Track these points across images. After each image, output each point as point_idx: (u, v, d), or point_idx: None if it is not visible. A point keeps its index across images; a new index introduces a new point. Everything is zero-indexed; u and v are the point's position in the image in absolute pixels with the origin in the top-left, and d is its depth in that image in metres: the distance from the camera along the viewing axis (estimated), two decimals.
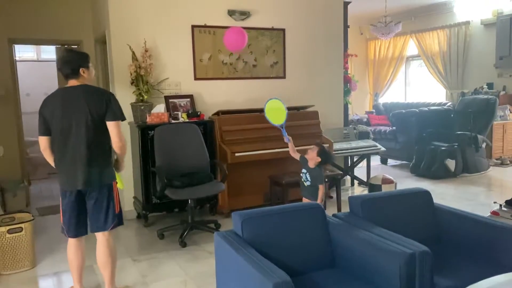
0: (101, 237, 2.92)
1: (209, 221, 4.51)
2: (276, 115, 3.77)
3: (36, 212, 5.20)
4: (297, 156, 3.65)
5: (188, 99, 4.96)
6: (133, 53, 4.61)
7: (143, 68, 4.59)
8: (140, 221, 4.73)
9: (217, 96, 5.17)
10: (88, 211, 2.87)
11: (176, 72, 4.95)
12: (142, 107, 4.59)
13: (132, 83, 4.64)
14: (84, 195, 2.83)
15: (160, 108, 4.62)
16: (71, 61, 2.79)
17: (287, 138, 3.69)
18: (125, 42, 4.63)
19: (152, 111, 4.58)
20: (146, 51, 4.64)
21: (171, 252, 3.84)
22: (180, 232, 4.12)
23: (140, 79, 4.58)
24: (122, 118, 2.83)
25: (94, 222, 2.88)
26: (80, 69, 2.78)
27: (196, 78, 5.06)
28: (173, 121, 4.61)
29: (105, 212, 2.85)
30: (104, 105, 2.75)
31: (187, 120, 4.70)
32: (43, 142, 2.81)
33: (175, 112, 4.75)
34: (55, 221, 4.91)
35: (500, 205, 3.82)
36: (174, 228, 4.31)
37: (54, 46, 5.71)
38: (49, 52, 7.66)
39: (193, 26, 5.00)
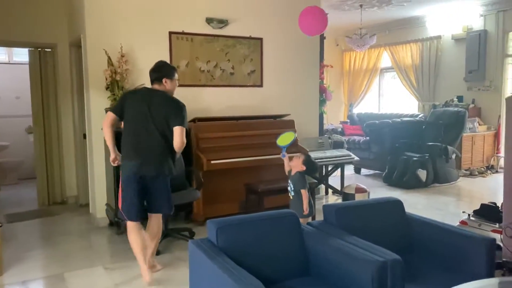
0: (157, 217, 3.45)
1: (184, 229, 4.47)
2: (284, 138, 3.78)
3: (4, 219, 5.04)
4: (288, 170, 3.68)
5: None
6: (109, 58, 4.56)
7: (119, 73, 4.54)
8: (112, 229, 4.64)
9: (194, 103, 5.13)
10: (153, 195, 3.34)
11: None
12: None
13: (107, 88, 4.58)
14: (149, 180, 3.27)
15: None
16: (160, 71, 3.38)
17: (283, 154, 3.69)
18: (101, 47, 4.57)
19: None
20: (122, 56, 4.60)
21: None
22: None
23: (116, 84, 4.53)
24: (185, 125, 3.27)
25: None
26: (163, 79, 3.34)
27: None
28: None
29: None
30: (174, 111, 3.25)
31: None
32: (111, 118, 3.30)
33: None
34: (24, 228, 4.78)
35: (469, 215, 3.93)
36: None
37: (27, 49, 5.58)
38: (22, 55, 7.48)
39: (170, 33, 4.99)
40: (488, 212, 3.83)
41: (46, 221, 5.10)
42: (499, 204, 3.78)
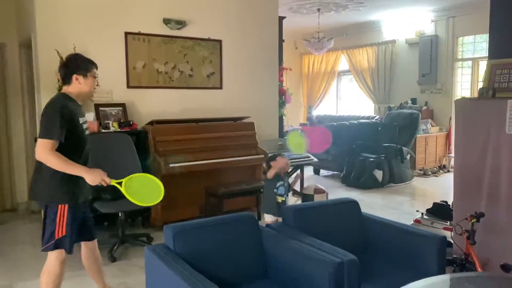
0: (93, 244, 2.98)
1: (141, 234, 4.36)
2: (296, 143, 3.61)
3: None
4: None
5: (120, 108, 4.80)
6: (62, 58, 4.38)
7: None
8: None
9: (151, 105, 5.05)
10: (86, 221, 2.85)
11: (108, 79, 4.76)
12: None
13: (59, 90, 4.40)
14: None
15: (89, 117, 4.42)
16: (67, 66, 2.73)
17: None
18: (53, 47, 4.39)
19: None
20: None
21: None
22: (109, 246, 3.94)
23: None
24: (47, 135, 2.50)
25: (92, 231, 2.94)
26: (73, 75, 2.66)
27: (129, 86, 4.92)
28: (103, 131, 4.43)
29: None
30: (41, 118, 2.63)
31: (119, 130, 4.54)
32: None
33: (106, 121, 4.57)
34: None
35: (422, 214, 4.07)
36: (103, 242, 4.09)
37: None
38: None
39: (126, 33, 4.87)
40: (440, 211, 3.98)
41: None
42: (450, 203, 3.94)
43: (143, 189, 2.63)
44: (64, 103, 2.60)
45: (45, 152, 2.48)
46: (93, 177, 2.56)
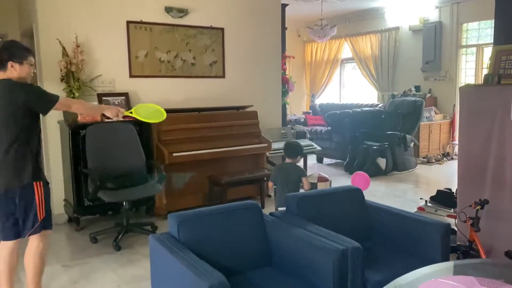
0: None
1: (146, 223, 4.38)
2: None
3: None
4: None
5: (123, 97, 4.79)
6: (64, 48, 4.38)
7: (74, 64, 4.37)
8: (71, 225, 4.50)
9: (154, 94, 5.03)
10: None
11: (110, 69, 4.77)
12: None
13: (62, 80, 4.40)
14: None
15: None
16: (1, 53, 2.69)
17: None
18: (55, 37, 4.38)
19: None
20: (77, 46, 4.43)
21: (105, 257, 3.69)
22: (114, 235, 3.97)
23: (71, 76, 4.36)
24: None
25: None
26: (9, 63, 2.64)
27: (131, 76, 4.90)
28: (106, 120, 4.42)
29: None
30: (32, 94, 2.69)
31: (122, 119, 4.52)
32: None
33: None
34: None
35: (426, 201, 4.07)
36: (108, 231, 4.15)
37: None
38: None
39: (128, 22, 4.84)
40: (443, 198, 3.98)
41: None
42: (454, 190, 3.94)
43: (151, 113, 3.15)
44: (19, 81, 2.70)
45: (71, 102, 3.01)
46: (111, 110, 3.02)
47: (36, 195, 2.64)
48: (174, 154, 4.52)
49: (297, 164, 3.96)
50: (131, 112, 3.03)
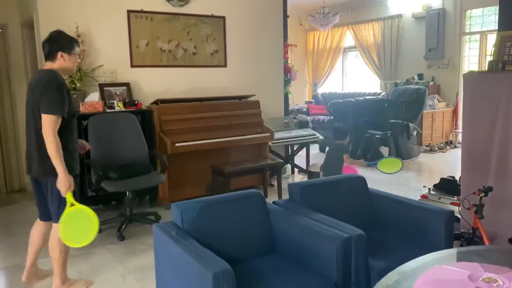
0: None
1: (149, 213, 4.40)
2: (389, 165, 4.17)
3: None
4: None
5: (125, 87, 4.78)
6: None
7: None
8: None
9: (156, 84, 5.02)
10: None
11: (111, 59, 4.74)
12: (75, 95, 4.35)
13: None
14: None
15: (94, 97, 4.42)
16: (52, 42, 2.73)
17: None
18: (55, 27, 4.28)
19: (86, 100, 4.37)
20: (78, 36, 4.39)
21: (108, 247, 3.71)
22: (118, 225, 3.98)
23: None
24: (52, 111, 2.57)
25: None
26: (59, 53, 2.70)
27: (132, 65, 4.88)
28: (108, 110, 4.42)
29: None
30: (39, 94, 2.62)
31: (124, 110, 4.53)
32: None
33: (111, 101, 4.56)
34: None
35: (429, 189, 4.07)
36: (111, 221, 4.16)
37: None
38: None
39: (128, 11, 4.81)
40: (447, 186, 3.97)
41: (5, 210, 4.89)
42: (457, 178, 3.93)
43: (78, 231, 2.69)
44: (62, 80, 2.68)
45: (52, 128, 2.56)
46: (65, 181, 2.61)
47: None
48: (177, 144, 4.51)
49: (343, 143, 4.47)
50: (72, 204, 2.66)
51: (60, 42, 2.73)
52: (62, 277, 2.89)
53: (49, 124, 2.55)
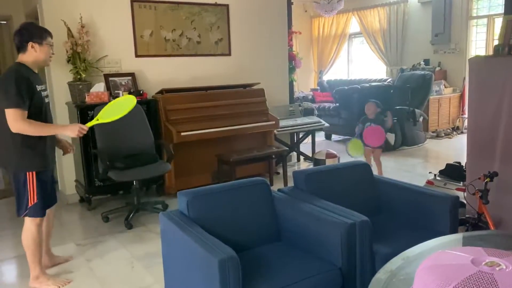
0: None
1: (156, 202, 4.44)
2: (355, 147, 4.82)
3: None
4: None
5: (130, 77, 4.79)
6: (69, 29, 4.37)
7: (80, 45, 4.36)
8: (83, 205, 4.58)
9: (160, 74, 5.03)
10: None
11: (116, 49, 4.75)
12: (80, 86, 4.39)
13: (68, 61, 4.41)
14: None
15: (99, 87, 4.44)
16: (21, 34, 2.70)
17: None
18: (59, 18, 4.36)
19: (91, 90, 4.40)
20: (82, 27, 4.41)
21: (117, 235, 3.76)
22: (125, 214, 4.03)
23: (77, 57, 4.36)
24: (9, 105, 2.55)
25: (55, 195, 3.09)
26: (29, 43, 2.67)
27: (137, 55, 4.89)
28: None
29: None
30: None
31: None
32: None
33: (116, 91, 4.58)
34: None
35: (435, 175, 4.06)
36: (119, 210, 4.21)
37: None
38: None
39: (132, 1, 4.80)
40: (453, 172, 3.96)
41: (10, 201, 4.95)
42: (463, 164, 3.91)
43: (117, 108, 2.83)
44: (19, 73, 2.63)
45: (19, 121, 2.56)
46: (71, 129, 2.72)
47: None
48: (182, 134, 4.54)
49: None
50: (97, 120, 2.79)
51: (29, 32, 2.68)
52: (35, 272, 2.86)
53: (13, 118, 2.55)
